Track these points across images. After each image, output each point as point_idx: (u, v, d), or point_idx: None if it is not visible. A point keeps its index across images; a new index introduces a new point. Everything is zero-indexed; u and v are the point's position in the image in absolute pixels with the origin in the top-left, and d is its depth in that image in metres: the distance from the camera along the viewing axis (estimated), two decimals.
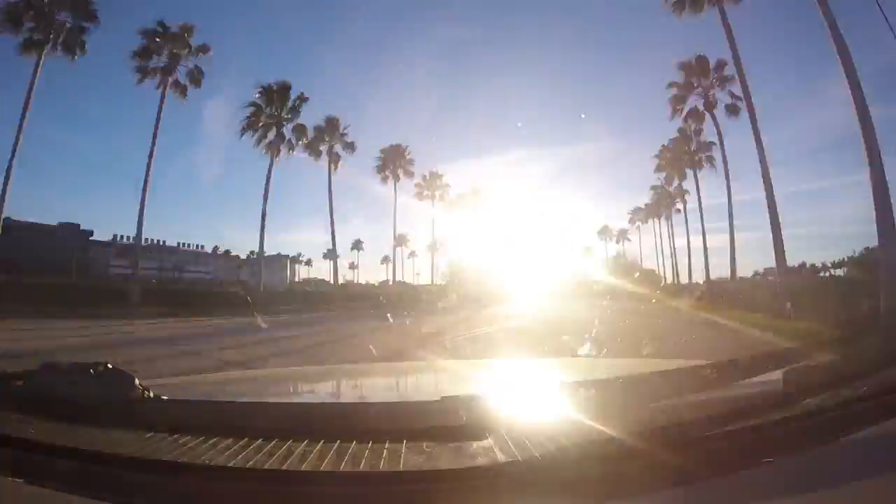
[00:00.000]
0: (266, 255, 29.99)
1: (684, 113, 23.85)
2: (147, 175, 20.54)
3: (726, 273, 24.92)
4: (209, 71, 22.74)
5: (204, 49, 22.43)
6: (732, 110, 21.70)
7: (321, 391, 1.65)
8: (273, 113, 25.36)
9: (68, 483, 0.66)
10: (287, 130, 25.46)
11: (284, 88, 25.39)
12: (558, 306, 21.13)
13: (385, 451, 0.63)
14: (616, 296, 24.05)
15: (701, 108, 23.23)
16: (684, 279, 36.97)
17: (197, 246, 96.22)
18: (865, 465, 0.66)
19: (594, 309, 16.45)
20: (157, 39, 21.41)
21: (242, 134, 24.71)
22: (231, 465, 0.63)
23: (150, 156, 20.77)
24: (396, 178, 34.32)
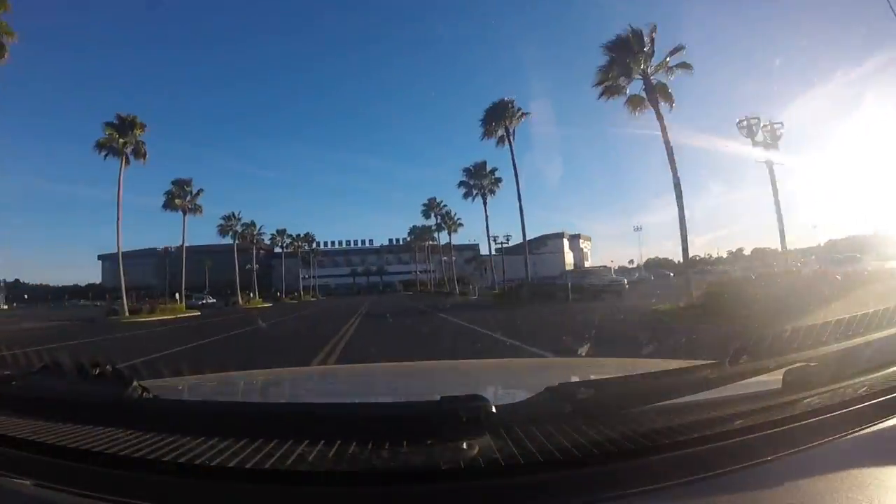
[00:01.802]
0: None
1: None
2: None
3: None
4: None
5: None
6: None
7: (321, 391, 1.65)
8: None
9: (68, 483, 0.66)
10: None
11: None
12: None
13: (385, 451, 0.63)
14: None
15: None
16: None
17: (365, 241, 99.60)
18: (865, 464, 0.66)
19: None
20: None
21: None
22: (231, 465, 0.63)
23: None
24: None
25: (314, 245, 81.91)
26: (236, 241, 54.00)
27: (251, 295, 55.94)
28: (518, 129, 30.80)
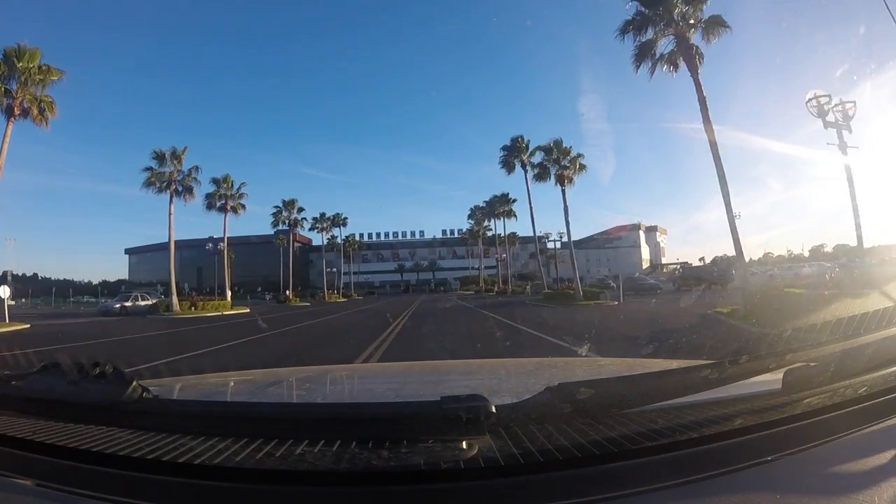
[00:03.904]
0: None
1: None
2: None
3: None
4: None
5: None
6: None
7: (321, 391, 1.64)
8: None
9: (68, 483, 0.66)
10: None
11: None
12: None
13: (385, 451, 0.63)
14: None
15: None
16: None
17: (415, 233, 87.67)
18: (865, 464, 0.66)
19: None
20: None
21: None
22: (231, 465, 0.63)
23: None
24: None
25: (343, 227, 63.25)
26: (171, 200, 31.00)
27: (239, 292, 40.09)
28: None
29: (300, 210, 53.05)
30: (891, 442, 0.71)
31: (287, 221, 52.66)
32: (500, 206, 51.36)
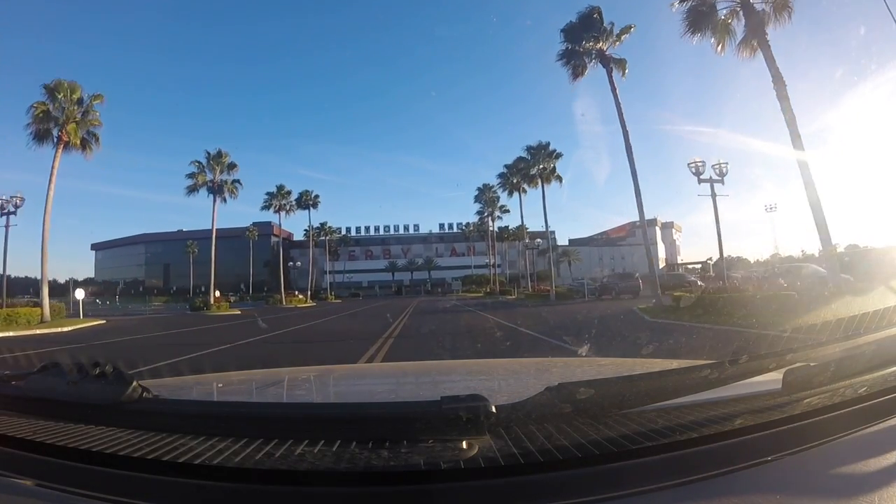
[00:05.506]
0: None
1: None
2: None
3: None
4: None
5: None
6: None
7: (321, 391, 1.64)
8: None
9: (68, 483, 0.66)
10: None
11: None
12: None
13: (385, 451, 0.63)
14: None
15: None
16: None
17: (408, 227, 77.88)
18: (865, 465, 0.66)
19: None
20: None
21: None
22: (231, 465, 0.63)
23: None
24: None
25: (314, 209, 50.56)
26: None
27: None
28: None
29: (231, 168, 32.13)
30: (891, 442, 0.71)
31: (210, 186, 31.75)
32: (538, 162, 32.65)
